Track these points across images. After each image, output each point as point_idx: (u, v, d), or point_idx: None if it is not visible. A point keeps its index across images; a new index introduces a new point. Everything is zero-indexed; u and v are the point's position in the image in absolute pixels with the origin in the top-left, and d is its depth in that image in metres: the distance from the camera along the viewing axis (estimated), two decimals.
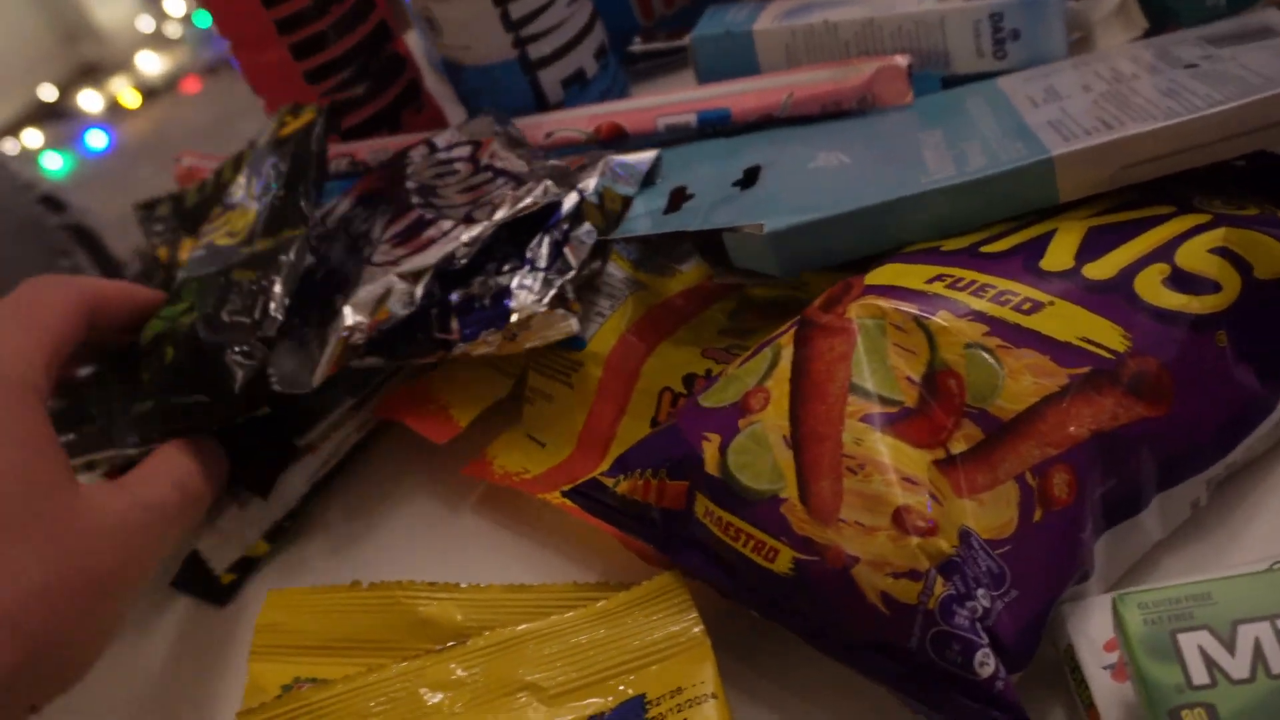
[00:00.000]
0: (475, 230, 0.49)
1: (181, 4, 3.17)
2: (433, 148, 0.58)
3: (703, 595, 0.42)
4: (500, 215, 0.49)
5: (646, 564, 0.45)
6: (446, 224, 0.50)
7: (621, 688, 0.40)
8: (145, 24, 3.23)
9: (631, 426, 0.50)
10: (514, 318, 0.47)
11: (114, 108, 3.11)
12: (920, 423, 0.38)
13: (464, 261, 0.49)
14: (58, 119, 3.09)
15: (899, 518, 0.35)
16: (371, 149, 0.65)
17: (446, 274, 0.49)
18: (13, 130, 2.99)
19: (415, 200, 0.53)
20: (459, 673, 0.41)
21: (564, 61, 0.64)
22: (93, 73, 3.25)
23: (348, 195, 0.58)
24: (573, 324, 0.47)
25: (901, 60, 0.56)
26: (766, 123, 0.59)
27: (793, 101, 0.58)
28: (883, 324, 0.40)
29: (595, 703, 0.40)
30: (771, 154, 0.54)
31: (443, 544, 0.51)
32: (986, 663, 0.34)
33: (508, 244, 0.50)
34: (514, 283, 0.48)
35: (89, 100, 3.12)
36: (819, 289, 0.49)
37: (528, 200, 0.49)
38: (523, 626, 0.42)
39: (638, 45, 0.73)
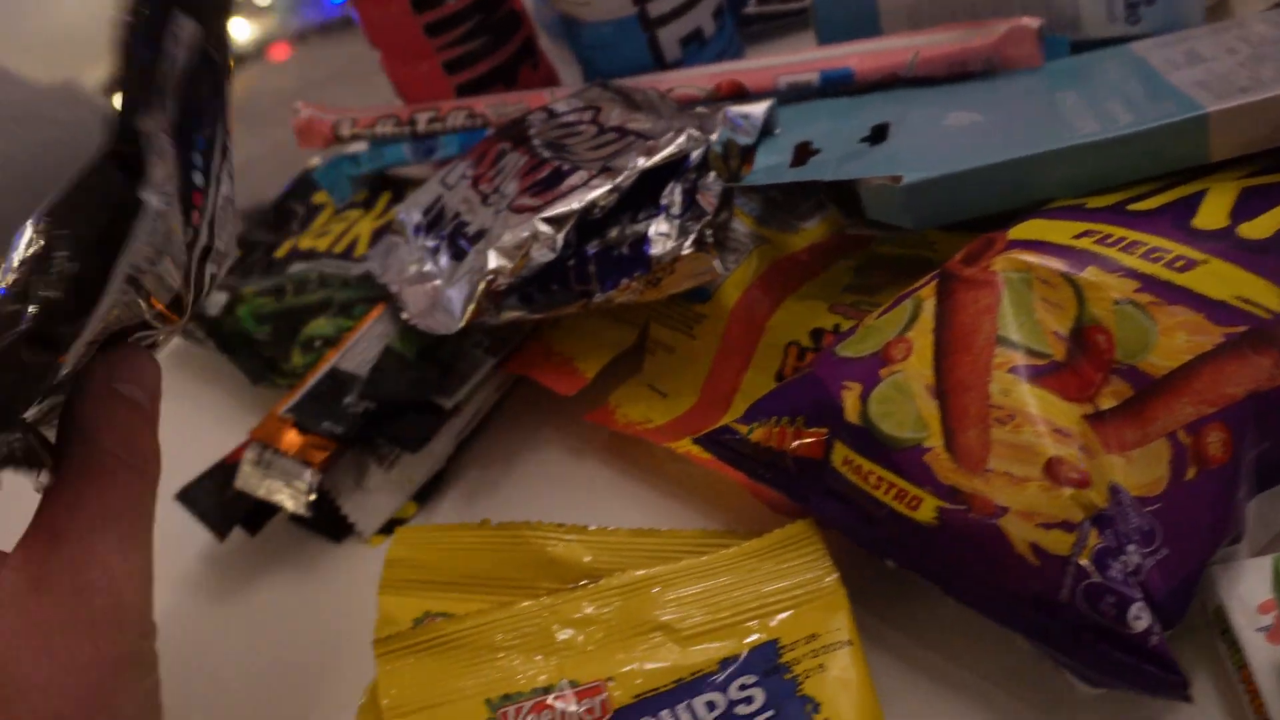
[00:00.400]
0: (618, 178, 0.49)
1: None
2: (551, 113, 0.59)
3: (835, 545, 0.42)
4: (643, 162, 0.49)
5: (774, 513, 0.45)
6: (584, 174, 0.50)
7: (755, 633, 0.40)
8: None
9: (755, 379, 0.50)
10: (657, 262, 0.47)
11: None
12: (1068, 377, 0.38)
13: (603, 210, 0.49)
14: None
15: (1051, 468, 0.35)
16: (490, 102, 0.65)
17: (583, 224, 0.49)
18: (106, 94, 3.02)
19: (547, 154, 0.54)
20: (591, 610, 0.42)
21: (683, 20, 0.64)
22: None
23: (469, 155, 0.59)
24: (716, 265, 0.47)
25: (1032, 22, 0.56)
26: (889, 83, 0.58)
27: (919, 61, 0.57)
28: (1029, 278, 0.39)
29: (728, 645, 0.40)
30: (897, 113, 0.54)
31: (571, 493, 0.52)
32: (1141, 617, 0.33)
33: (639, 195, 0.50)
34: (651, 230, 0.48)
35: None
36: (947, 248, 0.49)
37: (670, 148, 0.50)
38: (656, 569, 0.42)
39: (753, 7, 0.72)
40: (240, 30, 3.30)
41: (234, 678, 0.50)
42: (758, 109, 0.56)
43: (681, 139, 0.50)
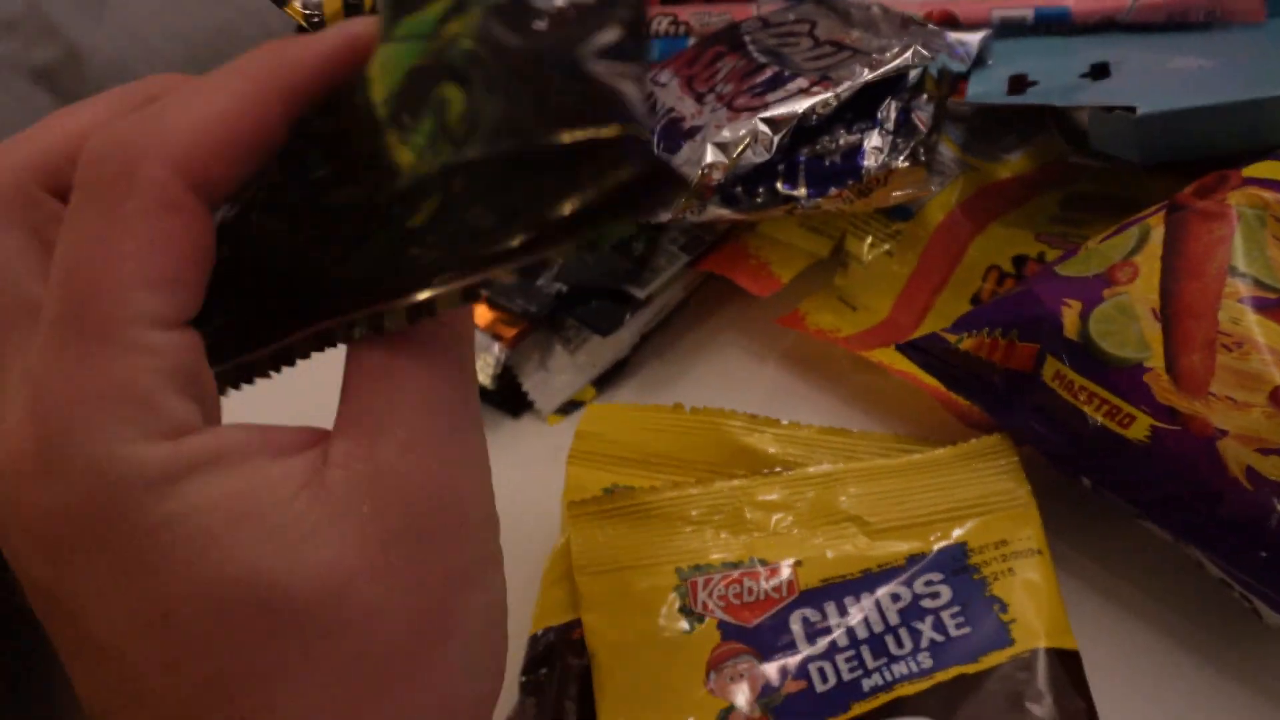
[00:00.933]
0: (838, 88, 0.50)
1: None
2: (765, 22, 0.59)
3: (1028, 466, 0.42)
4: (866, 74, 0.50)
5: (967, 427, 0.46)
6: (803, 81, 0.51)
7: (943, 533, 0.41)
8: None
9: (950, 300, 0.51)
10: (869, 173, 0.48)
11: None
12: None
13: (819, 118, 0.50)
14: None
15: (1276, 396, 0.36)
16: (693, 11, 0.66)
17: (798, 130, 0.50)
18: None
19: (765, 59, 0.54)
20: (784, 496, 0.43)
21: None
22: None
23: (679, 57, 0.60)
24: (928, 181, 0.47)
25: None
26: (1105, 26, 0.58)
27: (1138, 6, 0.57)
28: (1263, 215, 0.39)
29: (917, 544, 0.41)
30: (1115, 54, 0.53)
31: (751, 394, 0.53)
32: None
33: (851, 108, 0.51)
34: (866, 142, 0.48)
35: None
36: (1150, 189, 0.49)
37: (895, 63, 0.50)
38: (851, 464, 0.43)
39: None
40: None
41: None
42: (974, 37, 0.56)
43: (907, 55, 0.50)
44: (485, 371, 0.54)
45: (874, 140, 0.49)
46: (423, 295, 0.25)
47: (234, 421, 0.25)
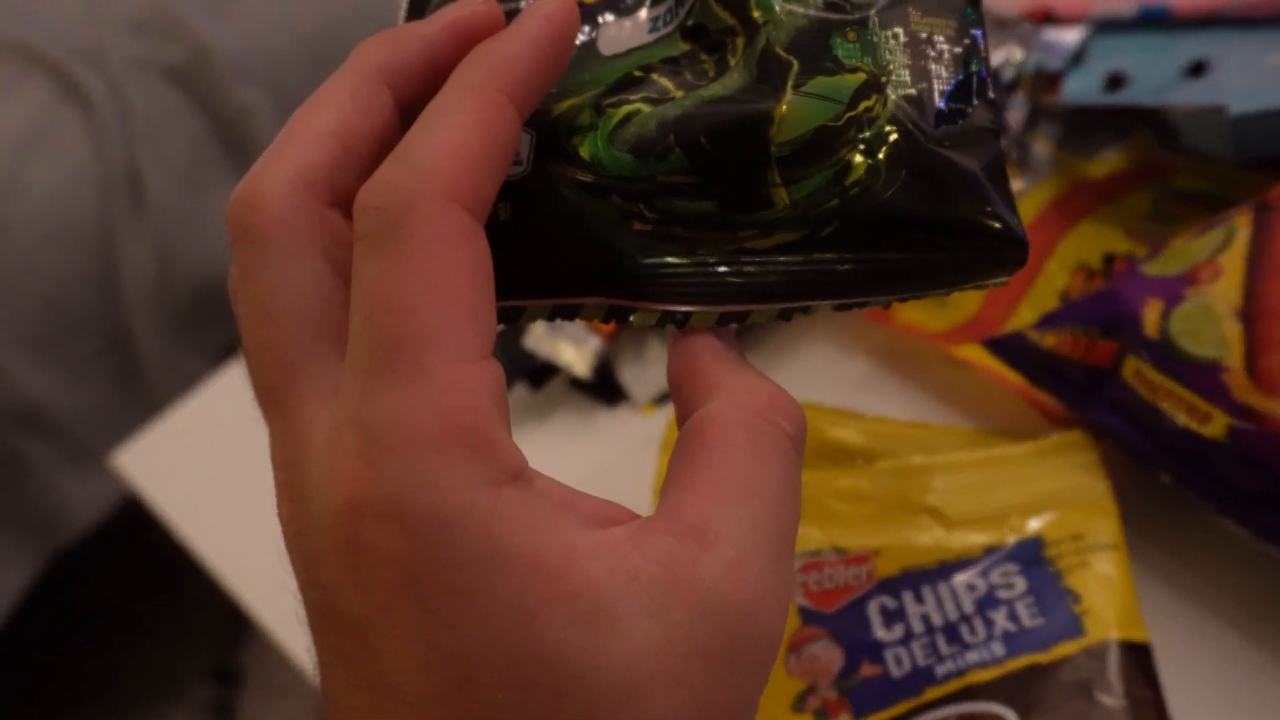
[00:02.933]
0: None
1: None
2: None
3: (1107, 459, 0.43)
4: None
5: (1048, 422, 0.47)
6: None
7: (1020, 526, 0.42)
8: None
9: (1039, 297, 0.51)
10: None
11: None
12: None
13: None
14: None
15: None
16: None
17: None
18: None
19: None
20: (864, 486, 0.44)
21: None
22: None
23: None
24: (1018, 182, 0.48)
25: None
26: (1207, 21, 0.58)
27: (1243, 2, 0.57)
28: None
29: (993, 535, 0.42)
30: (1215, 51, 0.53)
31: (838, 386, 0.54)
32: None
33: None
34: None
35: None
36: (1249, 187, 0.49)
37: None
38: (930, 457, 0.44)
39: None
40: None
41: None
42: (1070, 35, 0.56)
43: (1000, 55, 0.51)
44: (584, 362, 0.56)
45: None
46: (737, 309, 0.28)
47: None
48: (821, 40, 0.29)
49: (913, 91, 0.29)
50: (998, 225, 0.28)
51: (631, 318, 0.28)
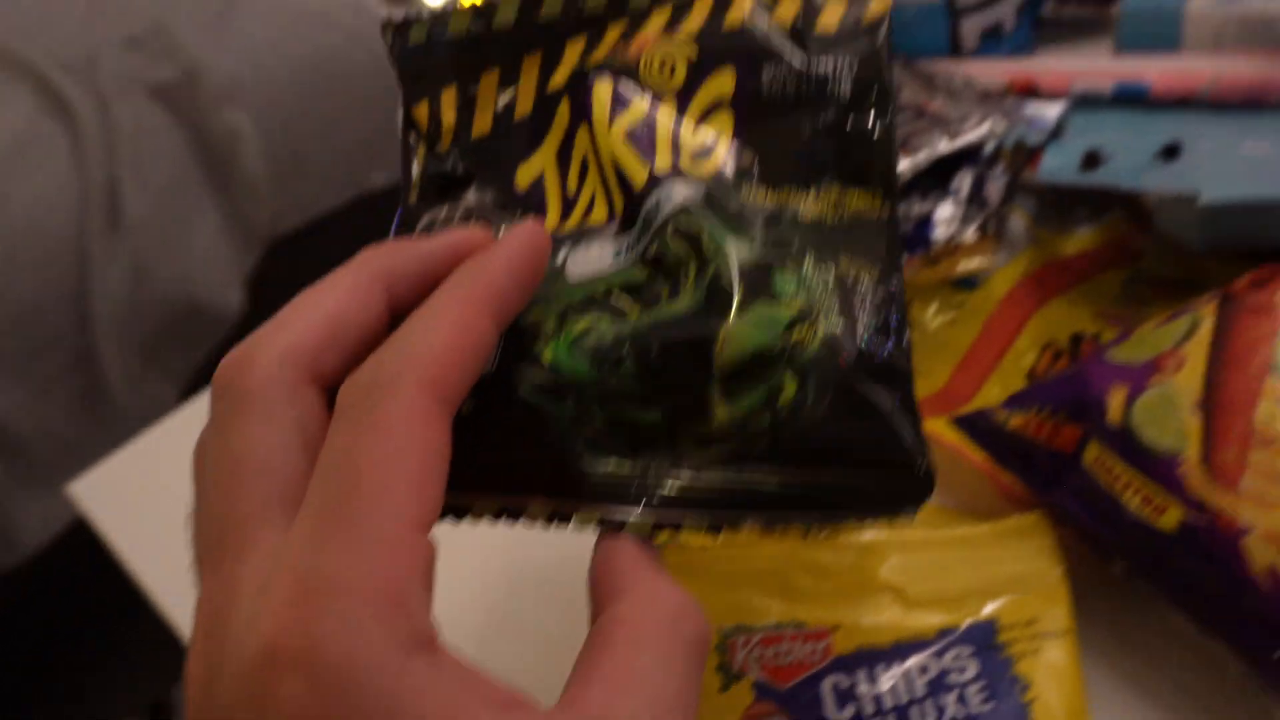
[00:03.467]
0: (916, 156, 0.51)
1: None
2: None
3: (1064, 547, 0.43)
4: (945, 145, 0.51)
5: (1009, 502, 0.46)
6: None
7: (976, 608, 0.42)
8: None
9: (1007, 373, 0.51)
10: (938, 244, 0.48)
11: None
12: None
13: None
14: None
15: None
16: None
17: None
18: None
19: None
20: (827, 563, 0.44)
21: (988, 12, 0.65)
22: None
23: None
24: (993, 257, 0.48)
25: None
26: (1182, 103, 0.58)
27: (1217, 86, 0.57)
28: None
29: (949, 617, 0.42)
30: (1190, 133, 0.54)
31: None
32: None
33: (927, 174, 0.51)
34: (936, 212, 0.49)
35: None
36: (1219, 274, 0.49)
37: (972, 135, 0.51)
38: (893, 534, 0.44)
39: (1050, 10, 0.73)
40: None
41: (470, 576, 0.54)
42: (1052, 110, 0.56)
43: (984, 127, 0.51)
44: None
45: (946, 210, 0.50)
46: (671, 517, 0.31)
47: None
48: (764, 273, 0.32)
49: (839, 328, 0.32)
50: (907, 461, 0.32)
51: (572, 520, 0.31)
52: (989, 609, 0.42)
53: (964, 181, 0.50)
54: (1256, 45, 0.60)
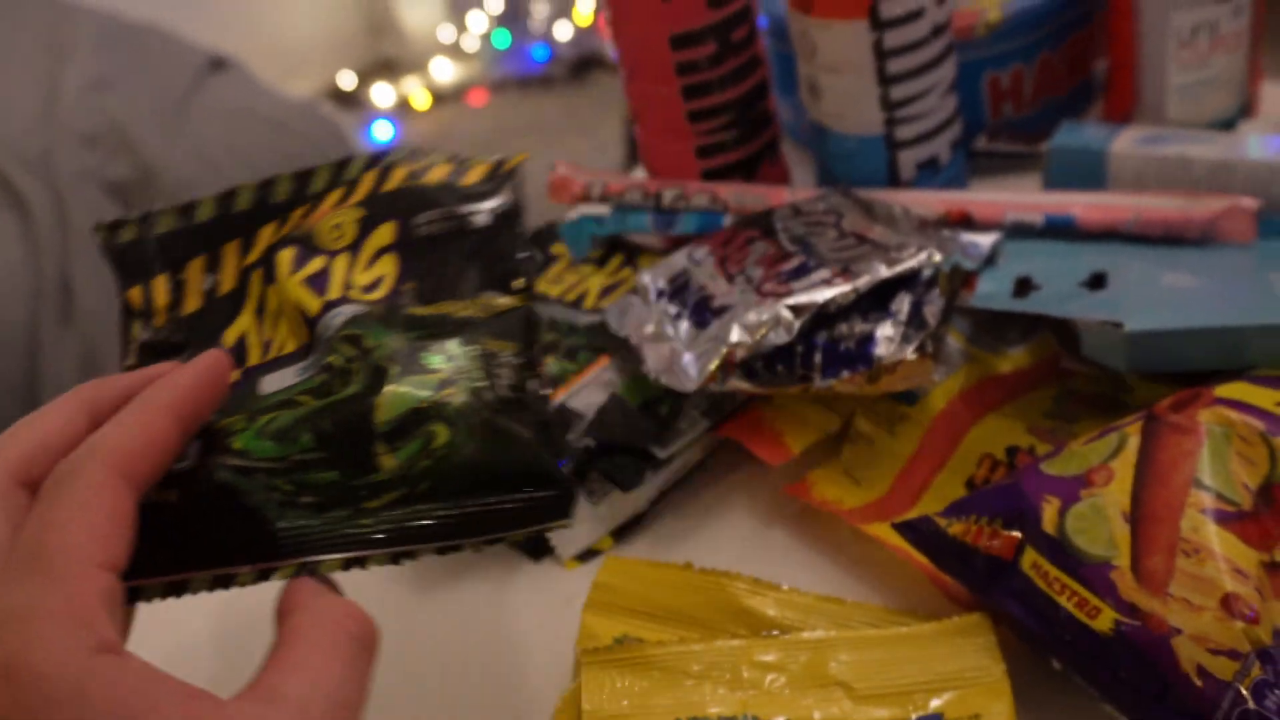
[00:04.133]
0: (857, 281, 0.55)
1: (483, 22, 3.34)
2: (797, 210, 0.65)
3: (1004, 645, 0.46)
4: (884, 271, 0.55)
5: (951, 602, 0.50)
6: (827, 272, 0.56)
7: (922, 703, 0.45)
8: (446, 33, 3.41)
9: (947, 482, 0.55)
10: (879, 361, 0.52)
11: (403, 105, 3.29)
12: (1252, 526, 0.42)
13: (838, 307, 0.54)
14: (351, 106, 3.29)
15: (1227, 602, 0.39)
16: (732, 190, 0.71)
17: (818, 315, 0.54)
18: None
19: (793, 248, 0.59)
20: (779, 658, 0.46)
21: (924, 146, 0.70)
22: (389, 68, 3.45)
23: (715, 237, 0.65)
24: (933, 373, 0.52)
25: (1251, 203, 0.60)
26: (1108, 235, 0.63)
27: (1139, 221, 0.62)
28: (1229, 433, 0.44)
29: (897, 712, 0.45)
30: (1114, 264, 0.58)
31: (758, 553, 0.57)
32: None
33: (868, 297, 0.55)
34: (878, 332, 0.53)
35: (382, 94, 3.31)
36: (1142, 393, 0.54)
37: (910, 262, 0.55)
38: (844, 633, 0.47)
39: (982, 144, 0.78)
40: (444, 71, 3.44)
41: (430, 668, 0.56)
42: (987, 239, 0.61)
43: (922, 256, 0.55)
44: None
45: (886, 330, 0.54)
46: (356, 555, 0.38)
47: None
48: (415, 354, 0.41)
49: (484, 383, 0.40)
50: (550, 478, 0.39)
51: (274, 574, 0.37)
52: (935, 704, 0.45)
53: (903, 304, 0.54)
54: (1175, 185, 0.65)
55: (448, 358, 0.41)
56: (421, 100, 3.28)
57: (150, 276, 0.46)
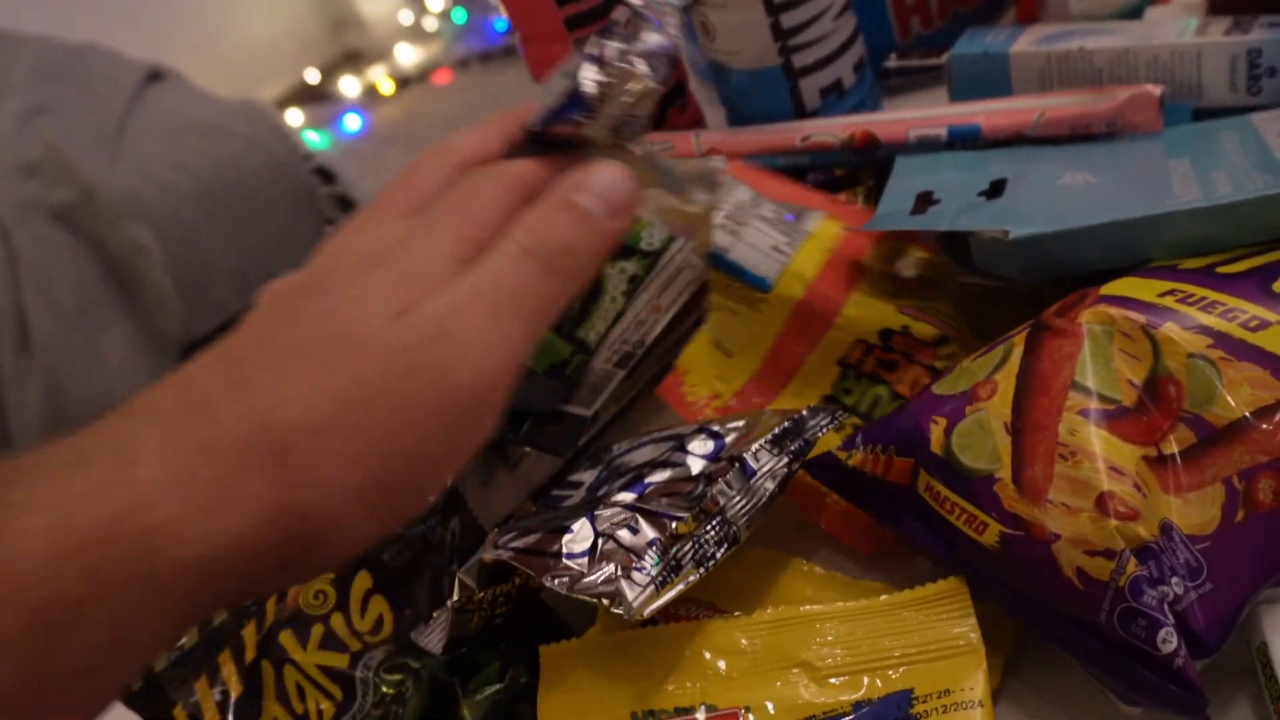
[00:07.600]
0: None
1: (440, 1, 3.32)
2: None
3: (980, 604, 0.43)
4: None
5: (861, 553, 0.49)
6: None
7: (891, 680, 0.42)
8: (405, 17, 3.39)
9: (818, 363, 0.55)
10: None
11: (370, 93, 3.28)
12: (1135, 422, 0.41)
13: None
14: (319, 101, 3.28)
15: (1101, 501, 0.38)
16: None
17: None
18: (278, 109, 3.19)
19: None
20: (742, 641, 0.44)
21: (824, 72, 0.68)
22: (354, 60, 3.43)
23: None
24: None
25: (1155, 89, 0.58)
26: (1014, 140, 0.61)
27: (1043, 121, 0.60)
28: (1110, 330, 0.42)
29: (864, 691, 0.42)
30: (1017, 169, 0.57)
31: None
32: (1169, 640, 0.37)
33: None
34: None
35: (348, 85, 3.30)
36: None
37: None
38: (808, 608, 0.44)
39: (892, 62, 0.76)
40: (407, 55, 3.43)
41: None
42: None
43: None
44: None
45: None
46: None
47: None
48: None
49: None
50: None
51: None
52: (905, 677, 0.42)
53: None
54: (1079, 81, 0.63)
55: None
56: (387, 87, 3.27)
57: (169, 710, 0.49)
